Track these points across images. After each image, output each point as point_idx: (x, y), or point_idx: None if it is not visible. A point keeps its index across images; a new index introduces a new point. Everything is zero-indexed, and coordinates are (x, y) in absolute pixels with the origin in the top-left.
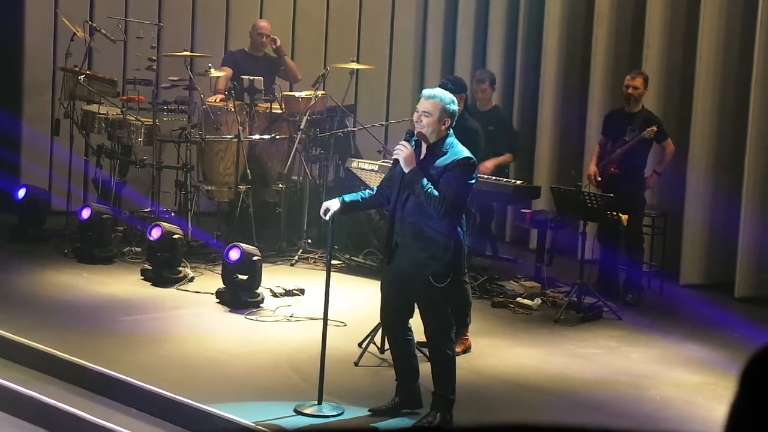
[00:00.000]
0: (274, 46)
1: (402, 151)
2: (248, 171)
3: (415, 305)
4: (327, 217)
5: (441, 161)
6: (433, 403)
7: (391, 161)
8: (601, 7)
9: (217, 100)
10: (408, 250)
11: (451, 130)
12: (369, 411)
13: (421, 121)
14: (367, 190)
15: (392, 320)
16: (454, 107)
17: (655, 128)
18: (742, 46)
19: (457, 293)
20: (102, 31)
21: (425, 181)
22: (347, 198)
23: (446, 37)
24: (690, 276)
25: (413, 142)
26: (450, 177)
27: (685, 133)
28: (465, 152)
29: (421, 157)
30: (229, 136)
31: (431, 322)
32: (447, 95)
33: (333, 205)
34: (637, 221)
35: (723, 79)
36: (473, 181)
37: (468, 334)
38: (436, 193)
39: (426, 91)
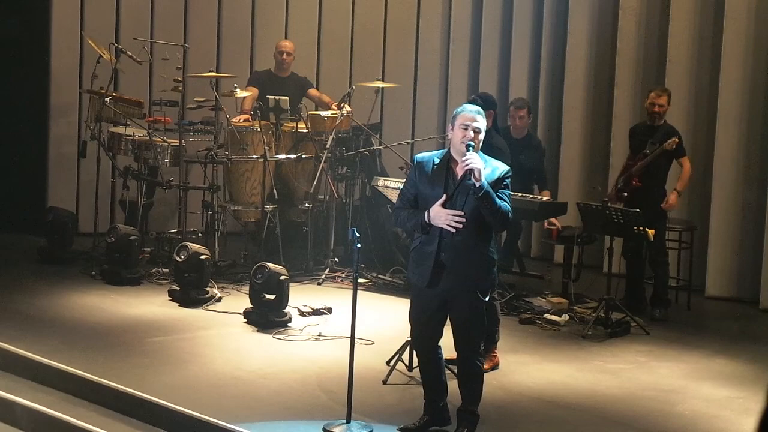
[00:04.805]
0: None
1: (477, 162)
2: (274, 191)
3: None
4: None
5: (486, 177)
6: (460, 419)
7: (408, 179)
8: (625, 22)
9: (242, 120)
10: (458, 268)
11: None
12: (398, 429)
13: (476, 137)
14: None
15: (425, 340)
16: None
17: (676, 139)
18: None
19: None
20: (128, 52)
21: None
22: None
23: (471, 54)
24: (715, 289)
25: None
26: (503, 191)
27: (711, 147)
28: (504, 165)
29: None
30: (255, 156)
31: (468, 336)
32: (482, 111)
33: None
34: (659, 236)
35: (748, 94)
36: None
37: (496, 351)
38: (504, 205)
39: (470, 107)
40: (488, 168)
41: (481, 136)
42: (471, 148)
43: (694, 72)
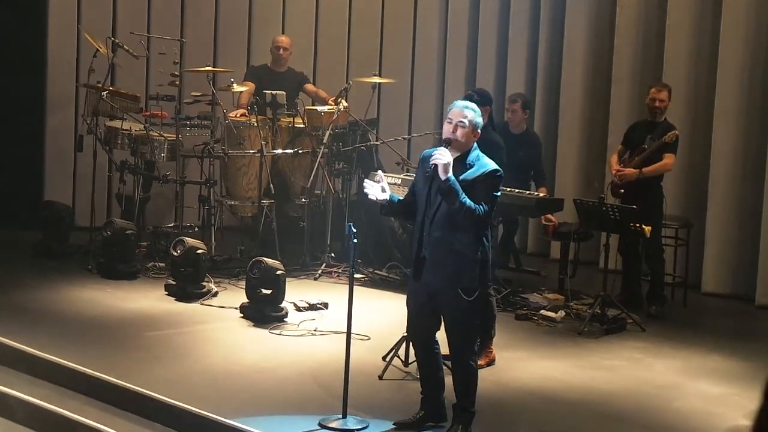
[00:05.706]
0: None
1: (443, 157)
2: (271, 185)
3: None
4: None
5: (469, 174)
6: (455, 416)
7: (415, 174)
8: (623, 17)
9: (239, 115)
10: (437, 265)
11: (476, 143)
12: (394, 424)
13: (457, 131)
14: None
15: (420, 334)
16: (481, 120)
17: (676, 132)
18: (767, 57)
19: (483, 306)
20: (125, 47)
21: (461, 190)
22: (395, 198)
23: (468, 50)
24: (711, 285)
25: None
26: (480, 190)
27: (708, 143)
28: (493, 165)
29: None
30: (251, 151)
31: (458, 334)
32: (476, 107)
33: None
34: (655, 232)
35: (745, 90)
36: (499, 194)
37: (492, 346)
38: (471, 203)
39: (460, 102)
40: (475, 166)
41: (467, 129)
42: (449, 145)
43: (691, 68)
